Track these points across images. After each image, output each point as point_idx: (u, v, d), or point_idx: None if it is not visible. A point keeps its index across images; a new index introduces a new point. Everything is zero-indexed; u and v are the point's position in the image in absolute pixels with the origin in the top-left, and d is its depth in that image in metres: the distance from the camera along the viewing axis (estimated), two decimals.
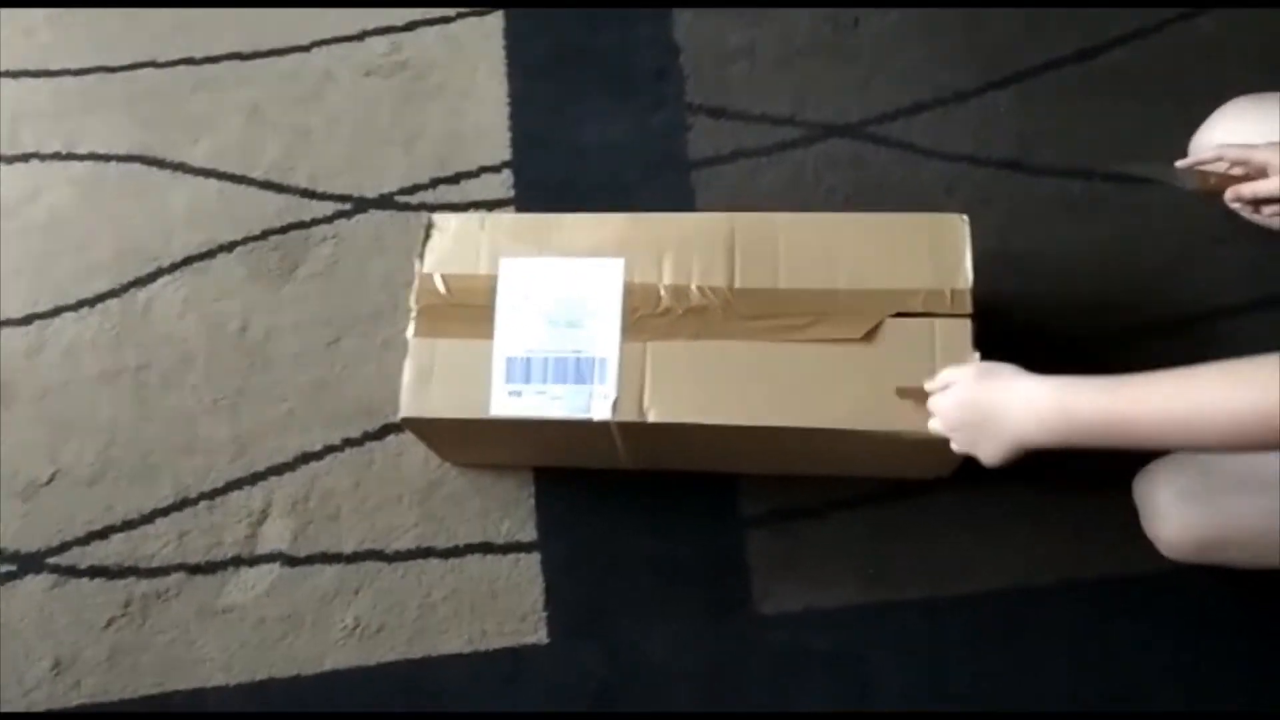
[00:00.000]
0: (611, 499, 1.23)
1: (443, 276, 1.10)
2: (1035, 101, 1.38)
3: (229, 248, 1.38)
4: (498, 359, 1.07)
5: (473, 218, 1.15)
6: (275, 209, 1.40)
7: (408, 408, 1.07)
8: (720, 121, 1.41)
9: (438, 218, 1.14)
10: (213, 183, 1.42)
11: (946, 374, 0.97)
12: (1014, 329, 1.04)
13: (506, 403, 1.07)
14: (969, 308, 1.03)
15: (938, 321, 1.03)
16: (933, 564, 1.18)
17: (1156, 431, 0.79)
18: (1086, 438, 0.83)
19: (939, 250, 1.06)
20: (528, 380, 1.07)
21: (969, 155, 1.36)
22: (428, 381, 1.07)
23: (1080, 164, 1.34)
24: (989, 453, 0.92)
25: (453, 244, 1.12)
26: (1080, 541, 1.17)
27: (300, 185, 1.41)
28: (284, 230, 1.39)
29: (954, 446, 0.96)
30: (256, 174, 1.42)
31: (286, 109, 1.46)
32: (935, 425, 0.97)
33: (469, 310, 1.09)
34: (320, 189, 1.41)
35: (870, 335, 1.04)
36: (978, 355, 1.01)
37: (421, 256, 1.11)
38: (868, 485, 1.21)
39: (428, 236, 1.12)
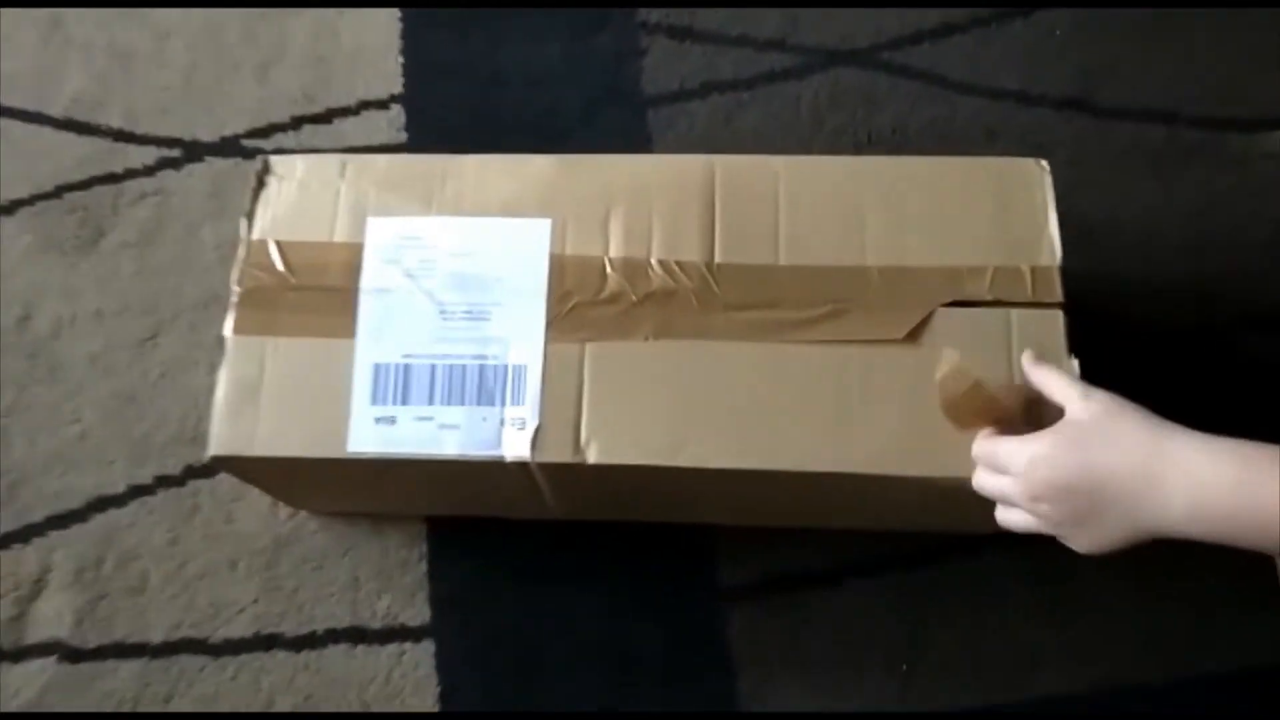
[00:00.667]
0: (537, 561, 0.89)
1: (280, 245, 0.77)
2: (1101, 23, 1.08)
3: (9, 209, 1.03)
4: (360, 368, 0.74)
5: (329, 160, 0.80)
6: (76, 157, 1.05)
7: (220, 441, 0.73)
8: (685, 44, 1.08)
9: (277, 161, 0.80)
10: None
11: (1014, 445, 0.63)
12: (1086, 322, 0.73)
13: (372, 435, 0.72)
14: (1059, 294, 0.73)
15: (1014, 313, 0.72)
16: (988, 655, 0.85)
17: None
18: (1269, 539, 0.54)
19: (1010, 210, 0.76)
20: (405, 400, 0.73)
21: (1016, 91, 1.05)
22: (252, 402, 0.73)
23: (1163, 104, 1.04)
24: (1094, 541, 0.61)
25: (298, 197, 0.79)
26: (1198, 621, 0.85)
27: (112, 125, 1.06)
28: (86, 185, 1.03)
29: (1028, 527, 0.64)
30: (54, 110, 1.07)
31: (99, 23, 1.10)
32: (1007, 517, 0.66)
33: (318, 295, 0.75)
34: (140, 130, 1.06)
35: (914, 334, 0.72)
36: (1075, 364, 0.70)
37: (250, 216, 0.78)
38: (892, 542, 0.89)
39: (260, 186, 0.79)
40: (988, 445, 0.65)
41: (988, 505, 0.73)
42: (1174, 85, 1.04)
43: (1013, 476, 0.63)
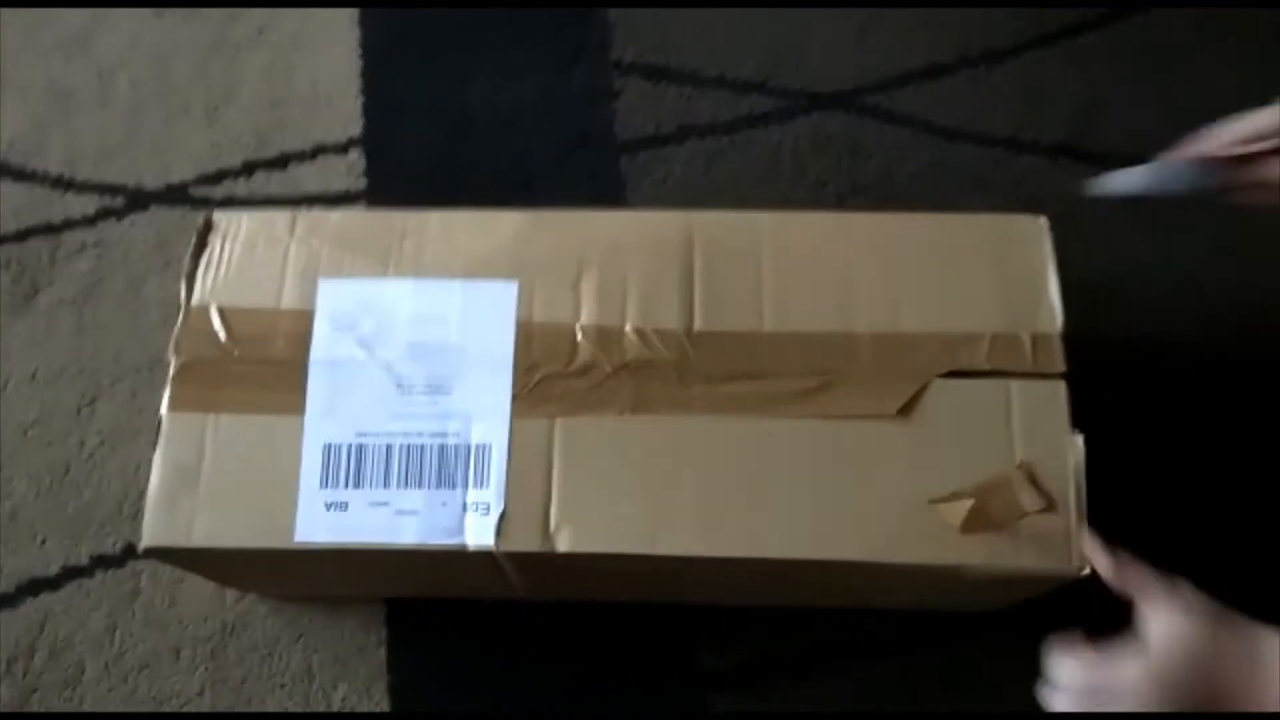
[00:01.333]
0: (505, 644, 0.83)
1: (223, 312, 0.70)
2: (1096, 64, 1.03)
3: None
4: (309, 449, 0.67)
5: (276, 216, 0.73)
6: (12, 206, 0.98)
7: (154, 533, 0.66)
8: (661, 85, 1.03)
9: (220, 216, 0.73)
10: None
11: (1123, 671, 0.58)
12: (1080, 381, 0.68)
13: (322, 523, 0.66)
14: (1061, 363, 0.67)
15: (1014, 384, 0.67)
16: None
17: None
18: None
19: (1007, 271, 0.70)
20: (358, 484, 0.67)
21: (1006, 138, 1.01)
22: (191, 487, 0.66)
23: (1159, 151, 0.97)
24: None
25: (242, 257, 0.72)
26: None
27: (50, 171, 1.00)
28: (21, 237, 0.97)
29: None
30: None
31: (38, 60, 1.04)
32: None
33: (264, 368, 0.69)
34: (79, 176, 0.99)
35: (907, 408, 0.67)
36: (1080, 440, 0.65)
37: (190, 279, 0.71)
38: (891, 622, 0.83)
39: (202, 246, 0.72)
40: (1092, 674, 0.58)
41: (983, 588, 0.69)
42: (1178, 122, 1.00)
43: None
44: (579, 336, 0.68)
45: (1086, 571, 0.62)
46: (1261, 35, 1.03)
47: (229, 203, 0.95)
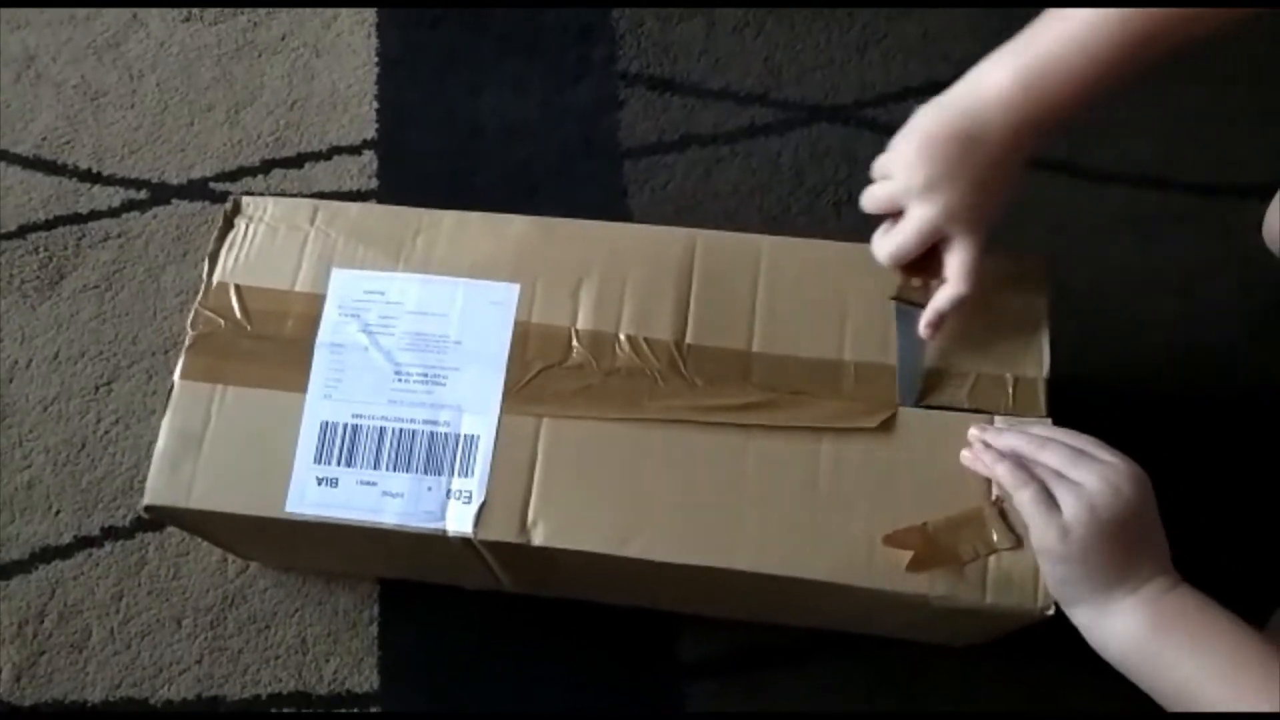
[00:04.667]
0: (492, 629, 0.85)
1: (240, 291, 0.73)
2: None
3: None
4: (307, 425, 0.70)
5: (300, 205, 0.77)
6: (42, 196, 1.02)
7: (155, 492, 0.69)
8: (665, 96, 1.05)
9: (248, 201, 0.77)
10: None
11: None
12: (1068, 393, 0.68)
13: (313, 496, 0.69)
14: (1042, 408, 0.68)
15: (997, 421, 0.68)
16: None
17: None
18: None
19: (1002, 309, 0.70)
20: (349, 462, 0.69)
21: None
22: (193, 452, 0.69)
23: (1156, 167, 1.00)
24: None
25: (264, 241, 0.75)
26: None
27: (80, 165, 1.03)
28: (50, 225, 1.00)
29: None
30: (21, 148, 1.04)
31: (74, 62, 1.08)
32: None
33: (274, 345, 0.72)
34: (106, 170, 1.03)
35: (886, 427, 0.68)
36: None
37: (214, 258, 0.74)
38: None
39: (228, 227, 0.75)
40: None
41: (948, 621, 0.69)
42: (1164, 149, 1.01)
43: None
44: (574, 340, 0.70)
45: (1050, 612, 0.62)
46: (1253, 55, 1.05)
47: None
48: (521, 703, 0.83)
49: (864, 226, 0.70)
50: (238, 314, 0.72)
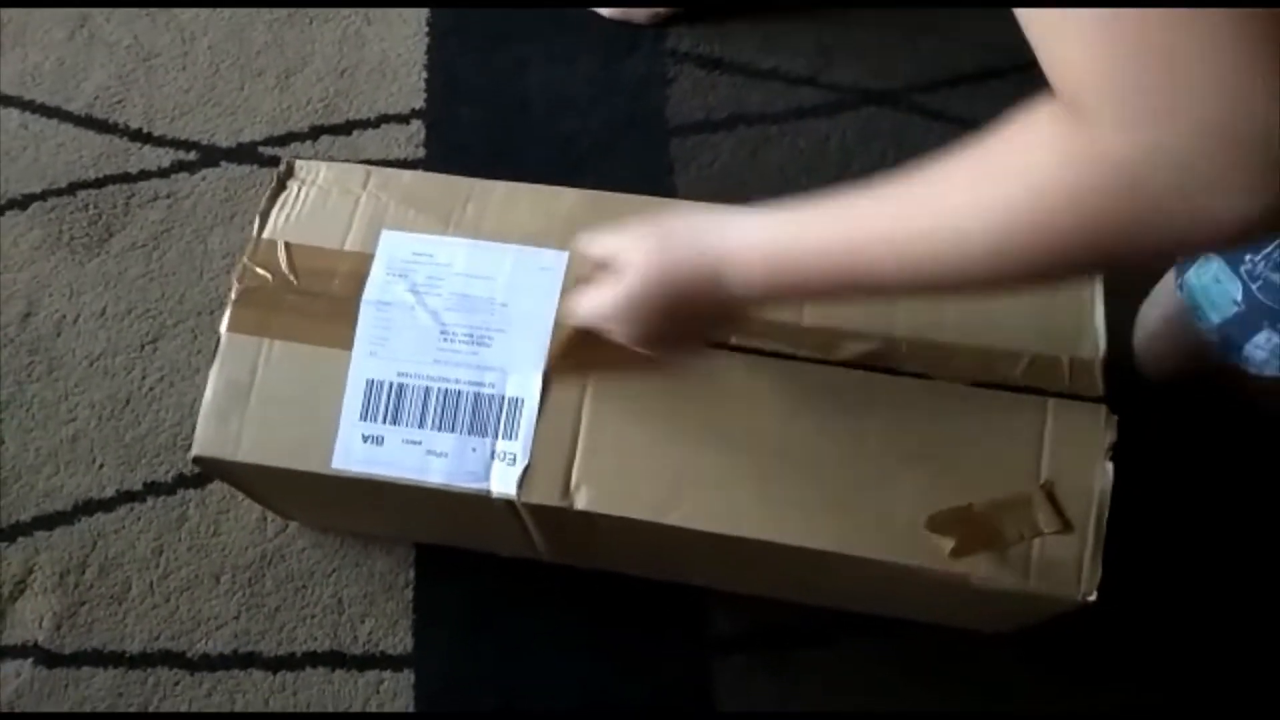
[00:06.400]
0: (525, 597, 0.86)
1: (289, 247, 0.73)
2: None
3: (22, 203, 1.01)
4: (353, 382, 0.70)
5: (353, 169, 0.77)
6: (93, 155, 1.03)
7: (204, 443, 0.70)
8: (715, 75, 1.05)
9: (301, 164, 0.77)
10: (13, 113, 1.05)
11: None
12: (1132, 386, 0.70)
13: (358, 453, 0.69)
14: (1099, 388, 0.67)
15: (1051, 403, 0.66)
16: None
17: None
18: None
19: (1055, 292, 0.69)
20: (395, 420, 0.69)
21: None
22: (241, 404, 0.70)
23: None
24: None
25: (316, 202, 0.75)
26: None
27: (131, 125, 1.04)
28: (100, 184, 1.01)
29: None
30: (74, 106, 1.05)
31: (126, 22, 1.09)
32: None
33: (320, 301, 0.72)
34: (157, 131, 1.04)
35: (939, 415, 0.67)
36: (1109, 466, 0.64)
37: (264, 215, 0.75)
38: None
39: (281, 188, 0.76)
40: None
41: (988, 605, 0.68)
42: None
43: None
44: None
45: (1093, 599, 0.62)
46: None
47: None
48: (550, 673, 0.83)
49: None
50: (285, 269, 0.72)
